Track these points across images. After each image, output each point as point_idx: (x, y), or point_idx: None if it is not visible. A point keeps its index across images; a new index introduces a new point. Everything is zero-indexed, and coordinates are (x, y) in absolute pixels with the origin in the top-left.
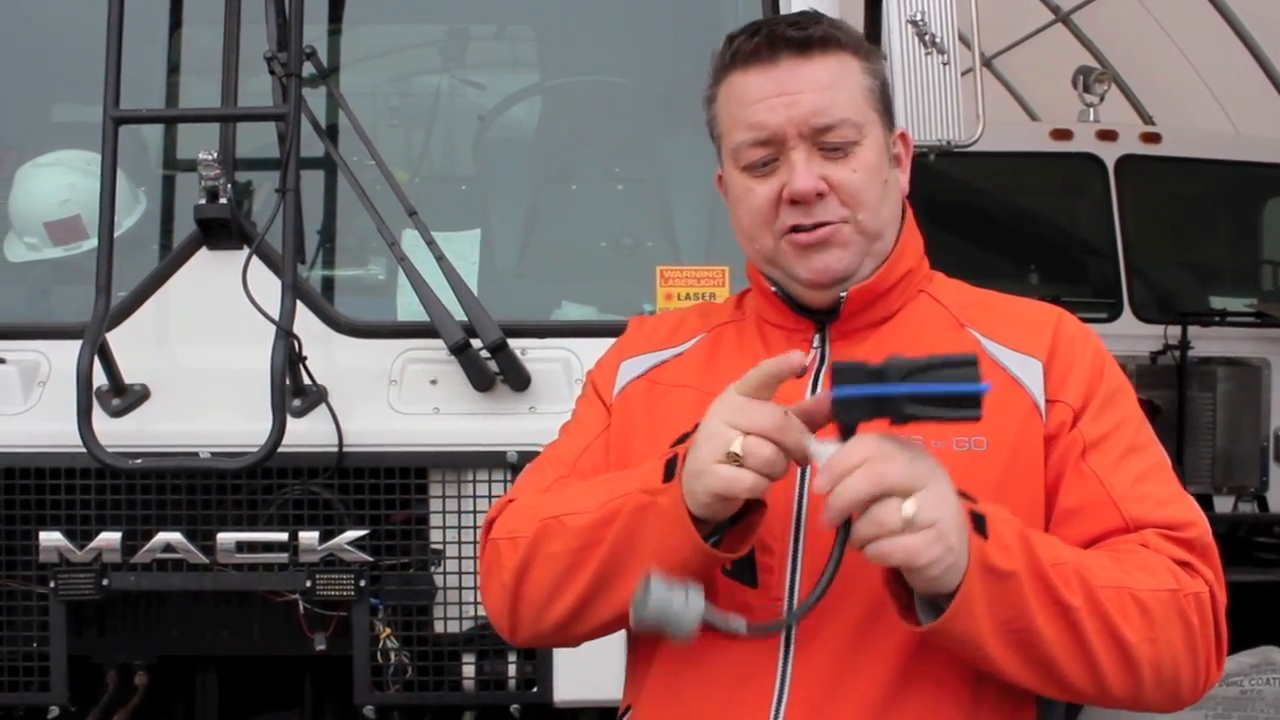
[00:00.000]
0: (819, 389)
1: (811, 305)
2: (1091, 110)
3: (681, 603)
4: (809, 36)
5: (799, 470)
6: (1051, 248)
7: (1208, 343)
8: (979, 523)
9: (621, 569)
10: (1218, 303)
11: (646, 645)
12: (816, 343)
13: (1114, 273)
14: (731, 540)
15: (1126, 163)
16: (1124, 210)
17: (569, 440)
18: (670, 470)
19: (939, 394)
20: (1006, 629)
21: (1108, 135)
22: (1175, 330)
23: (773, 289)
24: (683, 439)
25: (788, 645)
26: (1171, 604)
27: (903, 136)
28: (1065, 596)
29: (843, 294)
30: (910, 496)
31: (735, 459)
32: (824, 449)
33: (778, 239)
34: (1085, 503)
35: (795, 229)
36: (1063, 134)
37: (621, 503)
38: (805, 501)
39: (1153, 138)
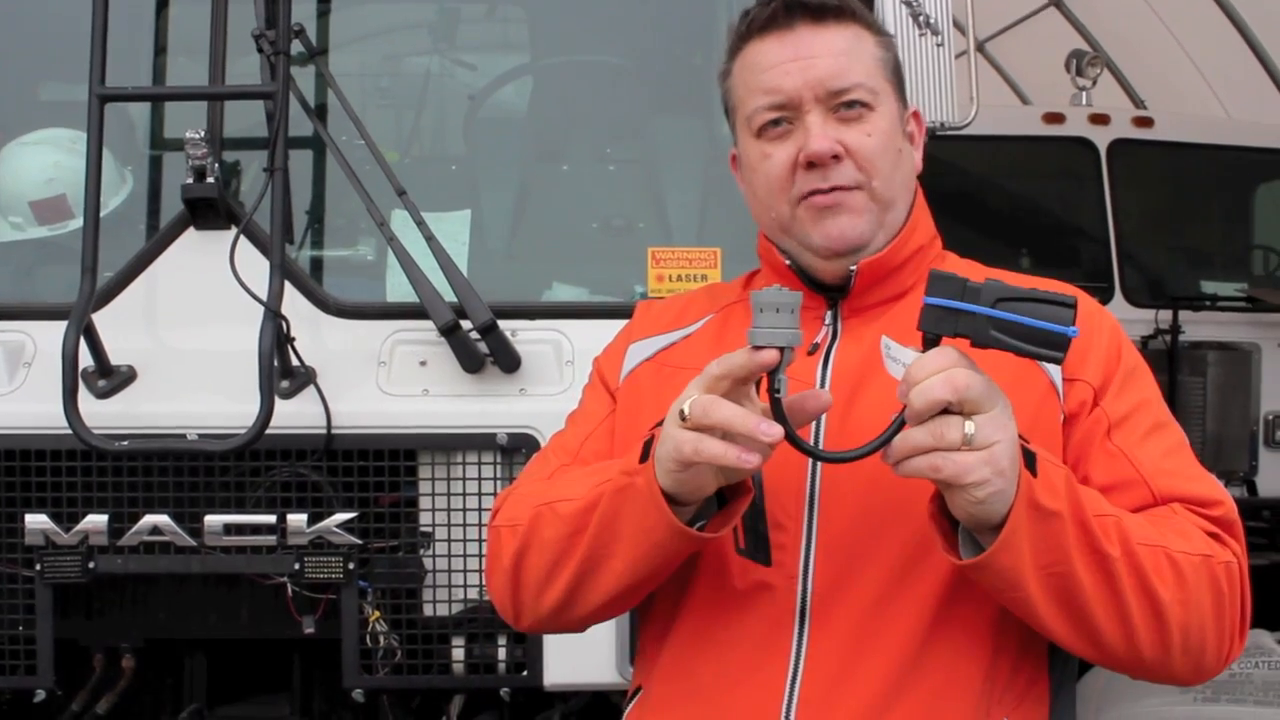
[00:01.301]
0: (829, 368)
1: (824, 279)
2: (1084, 94)
3: None
4: (824, 5)
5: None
6: (1043, 232)
7: (1198, 327)
8: (1029, 460)
9: (607, 552)
10: (1209, 287)
11: (658, 625)
12: (828, 320)
13: (1105, 257)
14: (718, 525)
15: (1118, 147)
16: (1116, 194)
17: (574, 429)
18: (646, 451)
19: (1028, 326)
20: (1047, 571)
21: (1100, 119)
22: (1166, 314)
23: (786, 262)
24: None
25: (803, 621)
26: (1204, 569)
27: (916, 116)
28: (1104, 546)
29: (853, 267)
30: (974, 416)
31: (685, 419)
32: (905, 354)
33: (794, 206)
34: (1115, 481)
35: (812, 194)
36: (1055, 118)
37: (605, 486)
38: (819, 478)
39: (1145, 122)
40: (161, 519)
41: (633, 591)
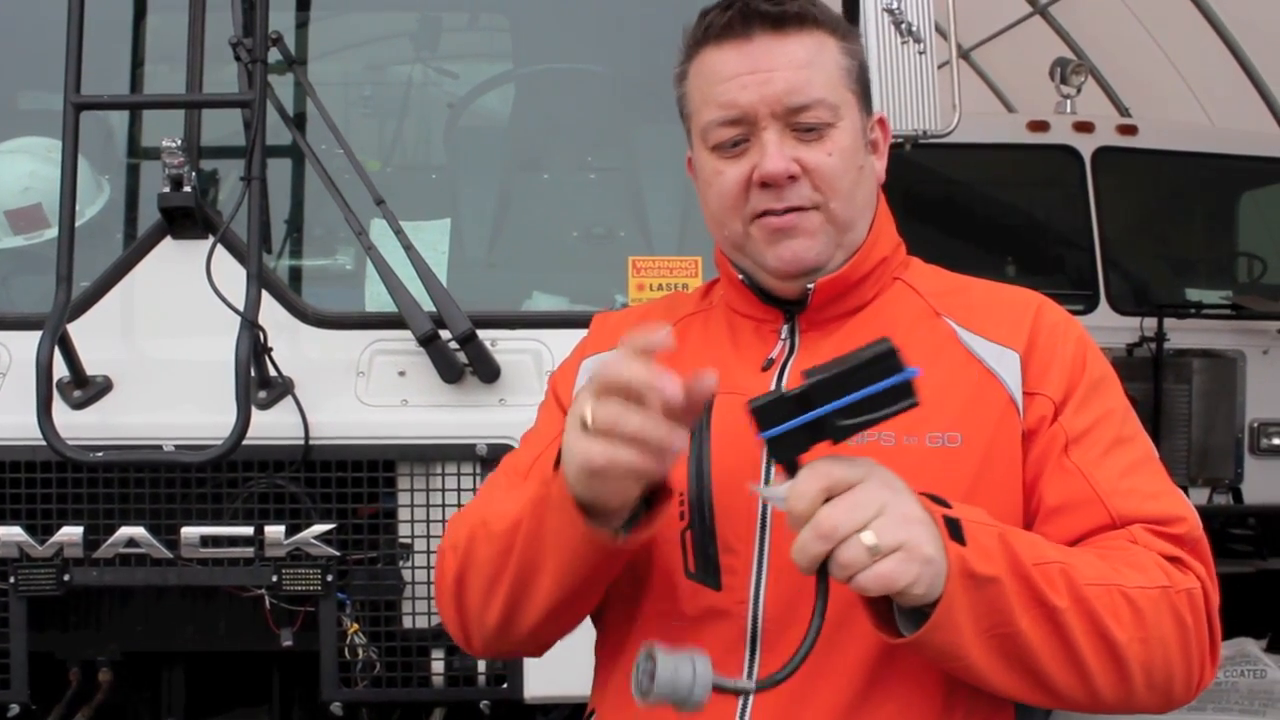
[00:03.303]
0: (783, 382)
1: (780, 295)
2: (1069, 102)
3: (689, 676)
4: (784, 12)
5: (764, 468)
6: (1028, 239)
7: (1183, 335)
8: (954, 529)
9: (534, 567)
10: (1193, 295)
11: (610, 647)
12: (785, 333)
13: (1090, 265)
14: (639, 533)
15: (1103, 155)
16: (1100, 202)
17: (526, 449)
18: (559, 459)
19: (869, 396)
20: (990, 635)
21: (1084, 127)
22: (1151, 322)
23: (740, 278)
24: None
25: (754, 647)
26: (1163, 601)
27: (881, 122)
28: (1050, 598)
29: (810, 285)
30: (870, 525)
31: (588, 428)
32: (778, 491)
33: (747, 224)
34: (1069, 500)
35: (765, 214)
36: (1040, 126)
37: (528, 501)
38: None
39: (1129, 130)
40: (138, 531)
41: (568, 606)
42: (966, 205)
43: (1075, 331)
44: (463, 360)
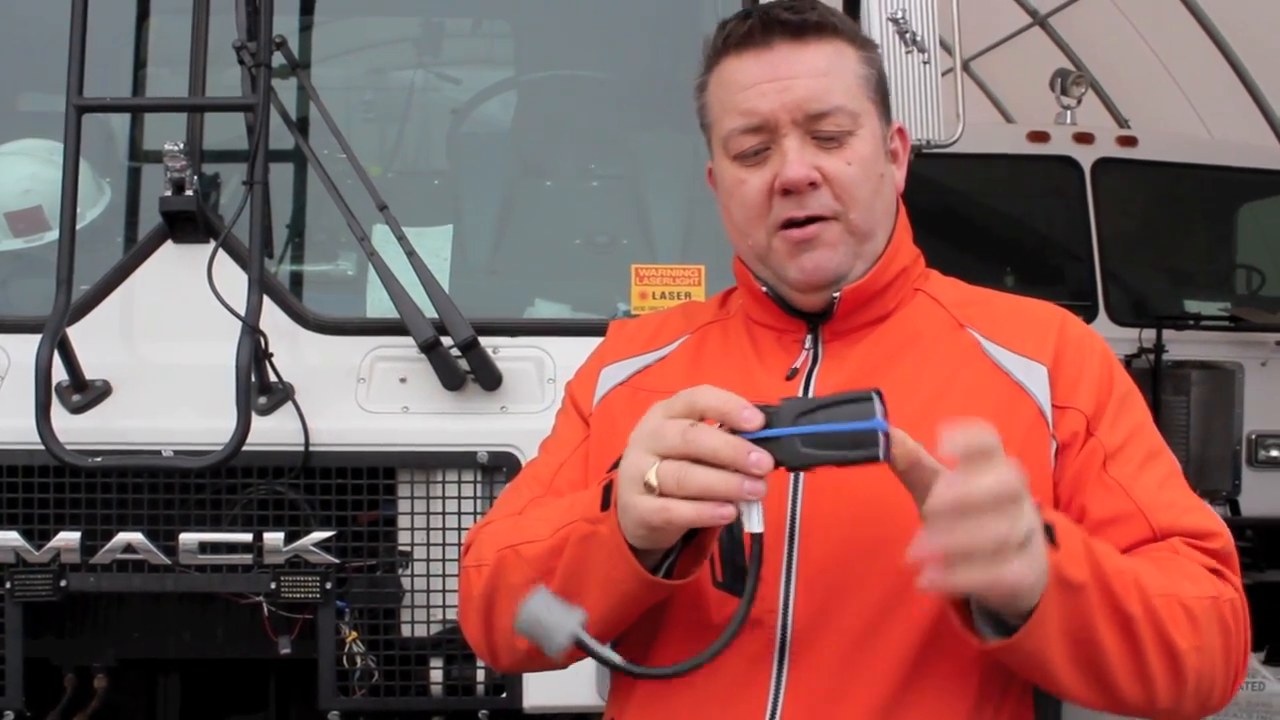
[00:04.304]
0: (810, 392)
1: (803, 308)
2: (1069, 113)
3: (553, 621)
4: (804, 21)
5: (791, 477)
6: (1027, 250)
7: (1182, 346)
8: (1049, 532)
9: (575, 596)
10: (1192, 306)
11: (635, 655)
12: (808, 344)
13: (1089, 275)
14: (685, 564)
15: (1103, 166)
16: (1100, 213)
17: (546, 457)
18: (607, 498)
19: (835, 433)
20: (1073, 641)
21: (1084, 138)
22: (1150, 333)
23: (763, 289)
24: (619, 462)
25: (782, 657)
26: (1213, 611)
27: (900, 132)
28: (1126, 606)
29: (836, 294)
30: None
31: (652, 489)
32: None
33: (770, 235)
34: (1114, 514)
35: (788, 224)
36: (1040, 136)
37: (569, 531)
38: (799, 510)
39: (1129, 141)
40: (135, 537)
41: (607, 631)
42: (966, 215)
43: (1100, 346)
44: (464, 367)
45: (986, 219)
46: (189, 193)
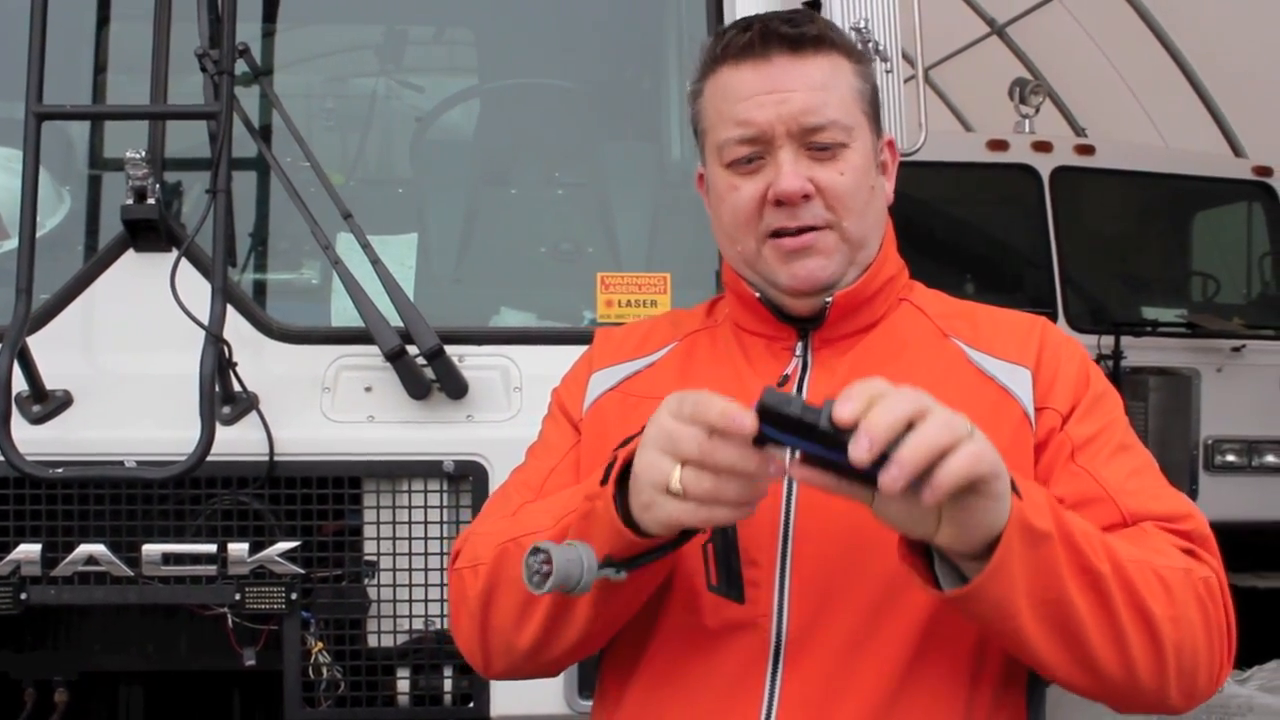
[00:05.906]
0: (802, 397)
1: (794, 313)
2: (1027, 122)
3: (579, 565)
4: (803, 34)
5: (784, 481)
6: (987, 258)
7: (1140, 353)
8: (1011, 483)
9: None
10: (1149, 313)
11: (623, 663)
12: (799, 350)
13: (1048, 283)
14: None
15: (1061, 174)
16: (1058, 221)
17: (535, 463)
18: (607, 474)
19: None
20: (1040, 598)
21: (1043, 147)
22: (1108, 340)
23: (755, 295)
24: (625, 443)
25: (777, 661)
26: (1186, 583)
27: (890, 144)
28: (1095, 563)
29: (828, 299)
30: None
31: (679, 494)
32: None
33: (760, 242)
34: (1081, 498)
35: (779, 233)
36: (999, 145)
37: (571, 517)
38: (793, 512)
39: (1087, 150)
40: (98, 548)
41: (608, 625)
42: (926, 223)
43: (1078, 351)
44: (430, 376)
45: (947, 227)
46: (151, 201)
